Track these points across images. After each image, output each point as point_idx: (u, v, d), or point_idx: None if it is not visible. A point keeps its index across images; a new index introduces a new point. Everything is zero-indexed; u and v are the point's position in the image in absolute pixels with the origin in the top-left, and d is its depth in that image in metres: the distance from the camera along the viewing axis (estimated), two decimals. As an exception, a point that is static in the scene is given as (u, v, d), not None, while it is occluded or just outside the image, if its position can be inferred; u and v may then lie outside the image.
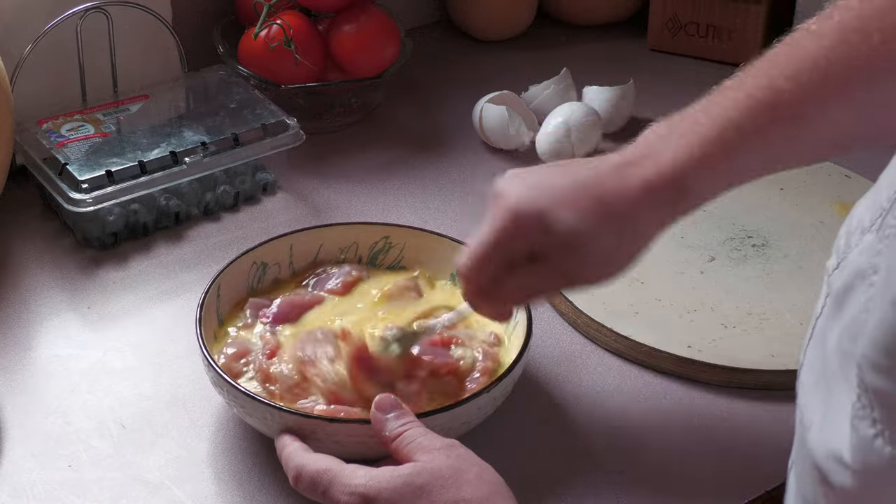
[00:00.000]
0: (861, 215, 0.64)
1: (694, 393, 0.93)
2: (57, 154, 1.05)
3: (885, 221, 0.60)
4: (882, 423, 0.57)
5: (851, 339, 0.59)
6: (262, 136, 1.11)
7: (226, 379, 0.82)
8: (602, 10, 1.45)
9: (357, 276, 0.95)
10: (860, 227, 0.63)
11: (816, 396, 0.63)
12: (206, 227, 1.10)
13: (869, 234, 0.62)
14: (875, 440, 0.57)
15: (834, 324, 0.62)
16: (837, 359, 0.61)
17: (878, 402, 0.57)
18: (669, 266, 1.03)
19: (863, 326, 0.58)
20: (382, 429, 0.77)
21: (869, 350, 0.57)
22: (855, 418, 0.58)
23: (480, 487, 0.72)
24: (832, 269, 0.65)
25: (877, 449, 0.57)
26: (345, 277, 0.95)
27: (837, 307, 0.62)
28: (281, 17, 1.19)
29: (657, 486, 0.85)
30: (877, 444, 0.57)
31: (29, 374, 0.93)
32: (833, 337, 0.62)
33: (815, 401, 0.64)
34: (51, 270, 1.03)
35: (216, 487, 0.84)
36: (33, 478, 0.83)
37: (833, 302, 0.63)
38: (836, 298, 0.63)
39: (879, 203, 0.62)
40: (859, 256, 0.62)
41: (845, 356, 0.60)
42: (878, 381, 0.57)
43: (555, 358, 0.96)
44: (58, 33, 1.09)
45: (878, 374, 0.57)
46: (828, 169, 1.17)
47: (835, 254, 0.66)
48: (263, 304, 0.92)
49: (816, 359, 0.65)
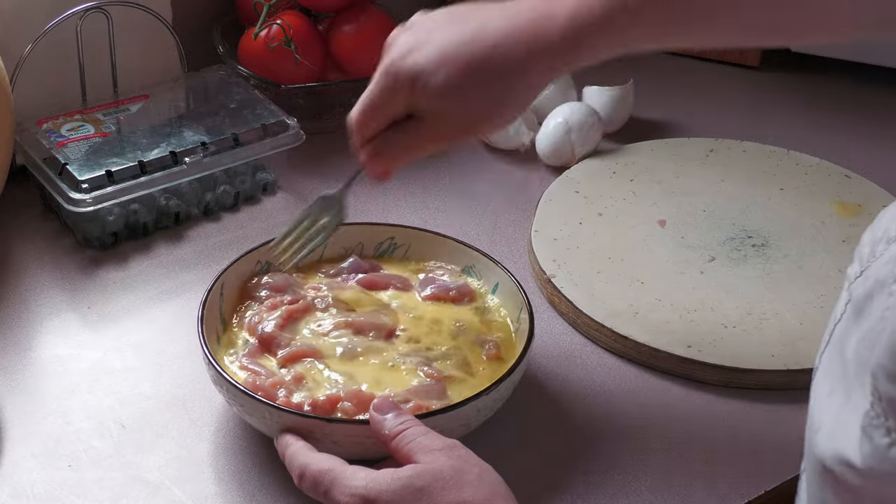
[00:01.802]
0: (888, 225, 0.63)
1: (694, 393, 0.93)
2: (57, 154, 1.05)
3: None
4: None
5: (868, 348, 0.59)
6: (262, 136, 1.11)
7: (225, 377, 0.82)
8: (602, 10, 1.45)
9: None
10: (886, 237, 0.62)
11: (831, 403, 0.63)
12: (206, 227, 1.10)
13: (894, 243, 0.61)
14: (890, 449, 0.57)
15: (853, 331, 0.62)
16: (854, 366, 0.61)
17: (893, 411, 0.57)
18: (669, 266, 1.03)
19: (880, 334, 0.58)
20: (381, 428, 0.77)
21: (884, 359, 0.57)
22: (868, 426, 0.58)
23: (481, 489, 0.72)
24: (854, 277, 0.65)
25: (891, 458, 0.57)
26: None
27: (857, 315, 0.62)
28: (281, 17, 1.19)
29: (657, 486, 0.85)
30: (892, 452, 0.57)
31: (29, 374, 0.93)
32: (851, 344, 0.62)
33: (828, 407, 0.63)
34: (51, 270, 1.03)
35: (216, 487, 0.84)
36: (33, 478, 0.83)
37: (853, 309, 0.63)
38: (857, 306, 0.62)
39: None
40: (884, 266, 0.61)
41: (861, 364, 0.59)
42: (892, 391, 0.56)
43: (555, 358, 0.96)
44: (58, 33, 1.09)
45: (892, 384, 0.56)
46: (828, 169, 1.17)
47: (857, 261, 0.65)
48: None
49: (834, 365, 0.64)
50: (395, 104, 0.82)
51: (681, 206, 1.10)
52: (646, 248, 1.05)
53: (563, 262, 1.03)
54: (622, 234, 1.07)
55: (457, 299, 0.94)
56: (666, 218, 1.09)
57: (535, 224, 1.07)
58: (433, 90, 0.80)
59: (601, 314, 0.97)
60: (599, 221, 1.09)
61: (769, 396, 0.93)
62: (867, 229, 0.65)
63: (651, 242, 1.06)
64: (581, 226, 1.08)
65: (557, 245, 1.05)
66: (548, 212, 1.09)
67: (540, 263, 1.03)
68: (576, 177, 1.14)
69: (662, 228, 1.08)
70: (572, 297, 0.99)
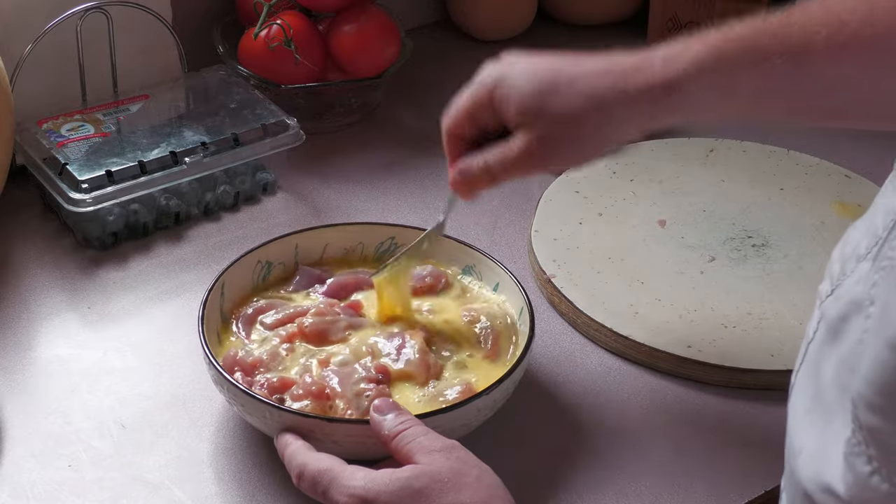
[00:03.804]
0: (857, 241, 0.63)
1: (694, 393, 0.93)
2: (57, 154, 1.05)
3: (882, 252, 0.59)
4: (878, 461, 0.56)
5: (847, 374, 0.58)
6: (262, 136, 1.11)
7: (225, 377, 0.82)
8: (602, 10, 1.45)
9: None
10: (856, 254, 0.62)
11: (809, 424, 0.63)
12: (206, 227, 1.10)
13: (865, 261, 0.61)
14: (871, 477, 0.56)
15: (829, 353, 0.62)
16: (834, 391, 0.60)
17: (874, 440, 0.56)
18: (669, 266, 1.03)
19: (858, 361, 0.57)
20: (381, 428, 0.77)
21: (864, 388, 0.56)
22: (850, 454, 0.58)
23: (479, 491, 0.72)
24: (825, 295, 0.64)
25: (873, 486, 0.56)
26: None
27: (832, 336, 0.61)
28: (281, 17, 1.19)
29: (657, 487, 0.85)
30: (873, 480, 0.56)
31: (29, 374, 0.93)
32: (829, 367, 0.61)
33: (807, 428, 0.63)
34: (51, 270, 1.03)
35: (216, 487, 0.84)
36: (33, 478, 0.83)
37: (827, 329, 0.62)
38: (831, 327, 0.62)
39: (875, 230, 0.61)
40: (855, 286, 0.61)
41: (842, 390, 0.59)
42: (872, 420, 0.56)
43: (555, 358, 0.96)
44: (58, 33, 1.09)
45: (873, 413, 0.56)
46: (828, 169, 1.17)
47: (828, 278, 0.65)
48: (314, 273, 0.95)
49: (809, 385, 0.64)
50: (483, 113, 0.84)
51: (681, 206, 1.10)
52: (646, 248, 1.05)
53: (563, 262, 1.03)
54: (622, 234, 1.07)
55: (434, 286, 0.94)
56: (666, 218, 1.09)
57: (535, 224, 1.07)
58: (516, 95, 0.81)
59: (601, 314, 0.97)
60: (599, 221, 1.09)
61: (769, 396, 0.93)
62: (837, 246, 0.65)
63: (651, 242, 1.06)
64: (581, 226, 1.08)
65: (557, 245, 1.05)
66: (548, 212, 1.09)
67: (540, 263, 1.03)
68: (576, 177, 1.14)
69: (662, 228, 1.08)
70: (572, 297, 0.99)
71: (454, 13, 1.42)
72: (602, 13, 1.45)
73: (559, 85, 0.80)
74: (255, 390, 0.82)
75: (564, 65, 0.81)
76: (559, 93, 0.80)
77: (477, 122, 0.86)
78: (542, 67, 0.82)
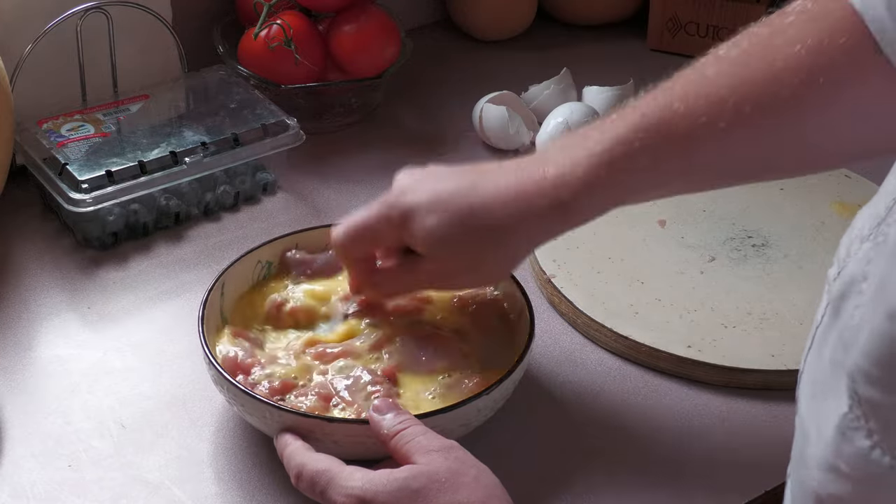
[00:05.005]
0: (861, 224, 0.64)
1: (694, 393, 0.93)
2: (57, 154, 1.05)
3: (880, 229, 0.60)
4: (878, 434, 0.56)
5: (844, 348, 0.59)
6: (262, 136, 1.11)
7: (226, 377, 0.82)
8: (602, 10, 1.45)
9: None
10: (860, 236, 0.63)
11: (815, 407, 0.63)
12: (206, 227, 1.10)
13: (867, 242, 0.61)
14: (872, 451, 0.56)
15: (830, 333, 0.62)
16: (830, 368, 0.61)
17: (873, 413, 0.56)
18: (669, 266, 1.03)
19: (854, 335, 0.58)
20: (380, 428, 0.77)
21: (861, 360, 0.56)
22: (848, 429, 0.58)
23: (477, 491, 0.72)
24: (832, 279, 0.65)
25: (875, 459, 0.56)
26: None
27: (834, 316, 0.62)
28: (281, 17, 1.19)
29: (657, 487, 0.85)
30: (874, 454, 0.56)
31: (29, 374, 0.93)
32: (829, 346, 0.62)
33: (813, 412, 0.63)
34: (51, 270, 1.03)
35: (216, 487, 0.84)
36: (33, 478, 0.83)
37: (831, 311, 0.63)
38: (834, 307, 0.62)
39: (878, 212, 0.62)
40: (856, 265, 0.61)
41: (836, 365, 0.59)
42: (871, 392, 0.56)
43: (555, 358, 0.96)
44: (58, 33, 1.09)
45: (871, 386, 0.56)
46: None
47: (836, 263, 0.65)
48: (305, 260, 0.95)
49: (815, 369, 0.64)
50: (384, 235, 0.86)
51: (680, 206, 1.10)
52: (646, 248, 1.05)
53: (563, 262, 1.03)
54: (622, 234, 1.07)
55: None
56: (666, 218, 1.09)
57: (535, 224, 1.07)
58: (423, 231, 0.83)
59: (601, 314, 0.97)
60: (599, 221, 1.07)
61: (769, 396, 0.93)
62: (846, 232, 0.66)
63: (651, 242, 1.06)
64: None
65: (557, 245, 1.04)
66: (548, 212, 1.09)
67: (540, 263, 1.03)
68: (576, 177, 1.14)
69: (662, 228, 1.08)
70: (572, 297, 0.99)
71: (454, 13, 1.43)
72: (602, 13, 1.45)
73: (473, 218, 0.81)
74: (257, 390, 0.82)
75: (472, 192, 0.82)
76: (471, 228, 0.81)
77: (378, 245, 0.88)
78: (452, 197, 0.82)
